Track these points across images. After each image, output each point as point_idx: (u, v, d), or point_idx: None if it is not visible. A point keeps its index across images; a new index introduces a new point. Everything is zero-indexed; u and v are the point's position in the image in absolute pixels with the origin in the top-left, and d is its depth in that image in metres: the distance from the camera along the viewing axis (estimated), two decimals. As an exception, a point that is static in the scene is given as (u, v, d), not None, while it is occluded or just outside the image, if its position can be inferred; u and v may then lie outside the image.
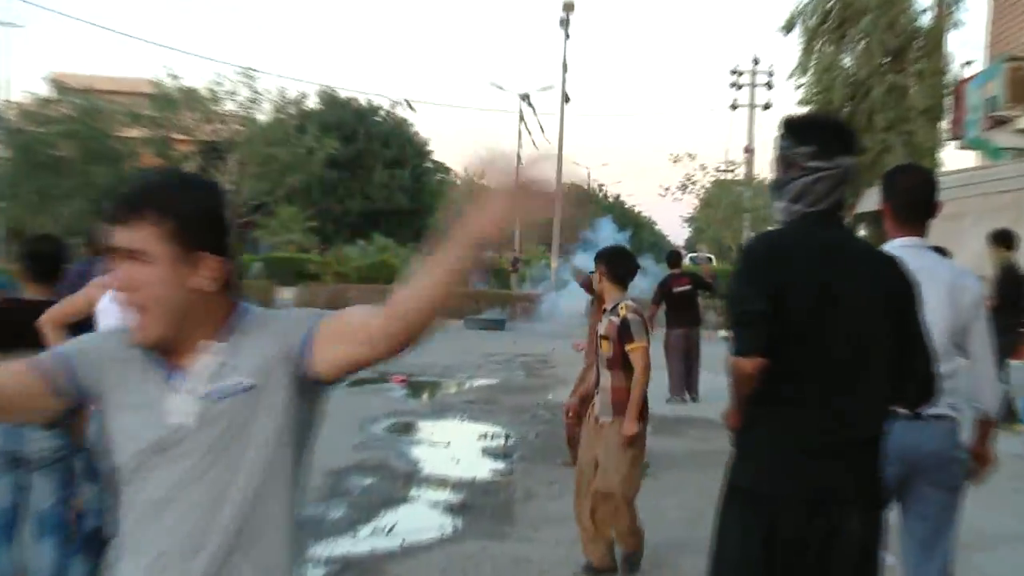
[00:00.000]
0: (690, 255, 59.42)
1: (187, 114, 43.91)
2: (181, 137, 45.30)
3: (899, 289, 4.01)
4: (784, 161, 4.10)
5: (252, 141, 43.78)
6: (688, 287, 17.41)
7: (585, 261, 15.58)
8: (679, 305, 17.30)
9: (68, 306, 6.13)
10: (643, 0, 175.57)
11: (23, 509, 6.23)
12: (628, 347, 7.65)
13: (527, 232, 2.72)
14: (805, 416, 3.89)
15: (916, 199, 5.16)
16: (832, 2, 29.18)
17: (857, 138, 4.18)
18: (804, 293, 3.86)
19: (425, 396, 18.41)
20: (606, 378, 7.84)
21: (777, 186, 4.14)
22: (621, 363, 7.72)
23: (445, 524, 9.38)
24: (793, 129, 4.13)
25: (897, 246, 4.92)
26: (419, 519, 9.65)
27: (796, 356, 3.87)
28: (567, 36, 46.89)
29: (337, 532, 9.00)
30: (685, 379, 17.41)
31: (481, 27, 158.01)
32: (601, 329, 7.91)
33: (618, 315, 7.74)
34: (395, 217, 64.44)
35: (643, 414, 7.75)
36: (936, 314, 4.59)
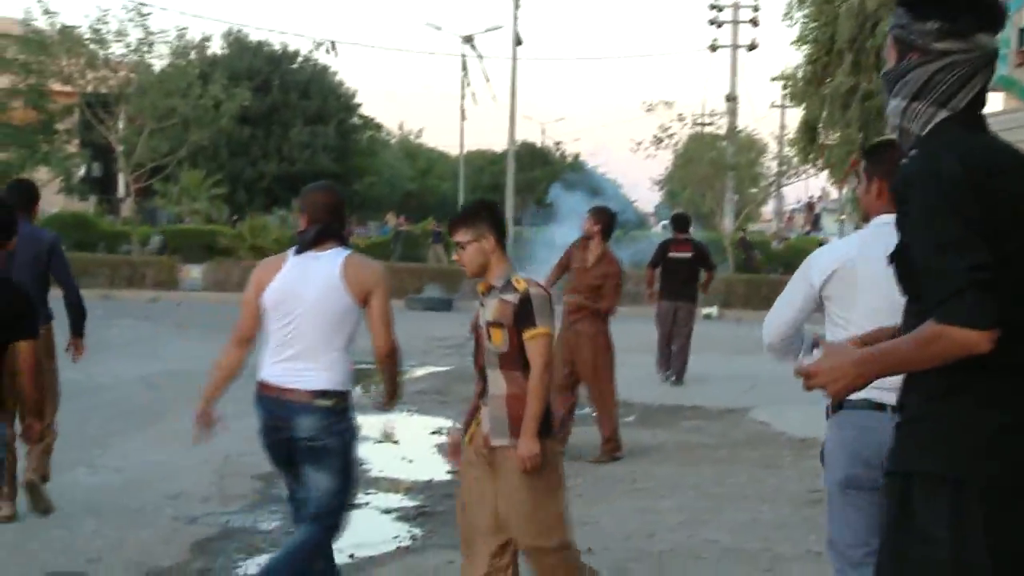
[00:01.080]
0: (662, 222, 59.36)
1: (66, 59, 42.95)
2: (60, 88, 44.31)
3: None
4: (900, 44, 3.68)
5: (146, 92, 42.80)
6: (687, 254, 17.55)
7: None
8: (672, 273, 17.48)
9: None
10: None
11: None
12: (527, 334, 6.18)
13: None
14: None
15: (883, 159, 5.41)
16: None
17: (1002, 10, 3.70)
18: None
19: (366, 386, 18.13)
20: (498, 382, 6.33)
21: (891, 78, 3.71)
22: (520, 360, 6.27)
23: (401, 534, 9.21)
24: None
25: (884, 222, 5.14)
26: (370, 529, 9.39)
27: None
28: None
29: (272, 546, 8.75)
30: (666, 355, 17.69)
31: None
32: (488, 314, 6.35)
33: (514, 291, 6.24)
34: (317, 181, 64.12)
35: (548, 428, 6.30)
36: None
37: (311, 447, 6.42)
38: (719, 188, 46.99)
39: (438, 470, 11.62)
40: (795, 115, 31.64)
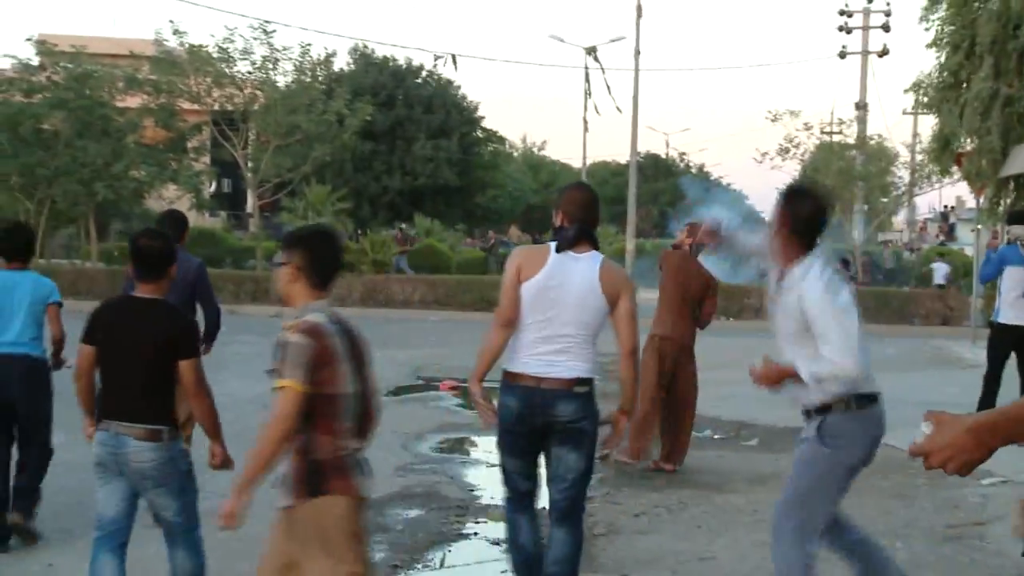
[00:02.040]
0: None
1: (194, 78, 43.09)
2: (188, 106, 44.47)
3: None
4: None
5: (271, 109, 42.82)
6: None
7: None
8: None
9: None
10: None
11: None
12: (276, 384, 5.62)
13: None
14: None
15: (812, 227, 6.60)
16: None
17: None
18: None
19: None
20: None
21: None
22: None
23: (506, 571, 8.65)
24: None
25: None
26: (477, 563, 8.99)
27: None
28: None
29: (375, 580, 8.31)
30: None
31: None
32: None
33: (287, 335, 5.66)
34: (441, 195, 63.99)
35: (316, 486, 5.63)
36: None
37: (569, 430, 6.91)
38: (847, 198, 45.96)
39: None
40: (928, 122, 30.56)
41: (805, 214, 6.52)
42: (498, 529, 9.80)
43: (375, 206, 61.52)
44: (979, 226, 33.35)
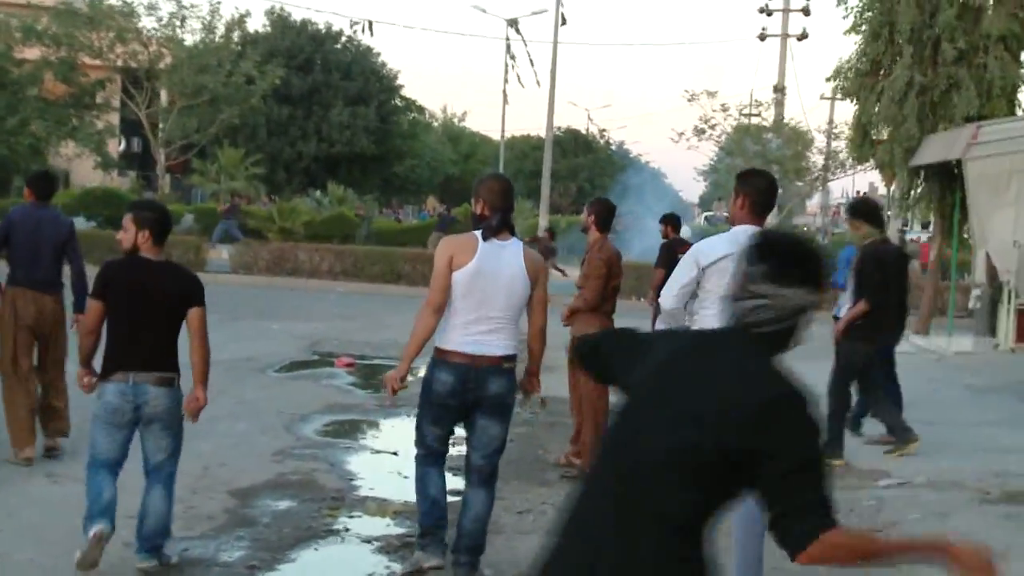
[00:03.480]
0: (705, 214, 58.32)
1: (97, 32, 42.08)
2: (91, 61, 43.45)
3: None
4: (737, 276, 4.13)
5: (177, 68, 42.07)
6: None
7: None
8: None
9: None
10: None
11: None
12: None
13: None
14: None
15: (767, 199, 7.65)
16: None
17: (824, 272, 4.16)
18: None
19: (377, 386, 17.00)
20: None
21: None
22: None
23: (379, 572, 8.13)
24: (758, 245, 4.13)
25: (745, 231, 6.91)
26: (343, 563, 8.41)
27: None
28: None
29: (227, 583, 7.74)
30: None
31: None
32: None
33: None
34: (357, 163, 63.31)
35: None
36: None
37: (497, 405, 7.65)
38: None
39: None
40: (844, 108, 30.34)
41: (763, 188, 7.69)
42: (372, 525, 9.36)
43: (290, 172, 60.86)
44: (889, 213, 33.28)
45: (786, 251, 4.11)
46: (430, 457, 7.96)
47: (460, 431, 8.17)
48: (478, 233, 7.63)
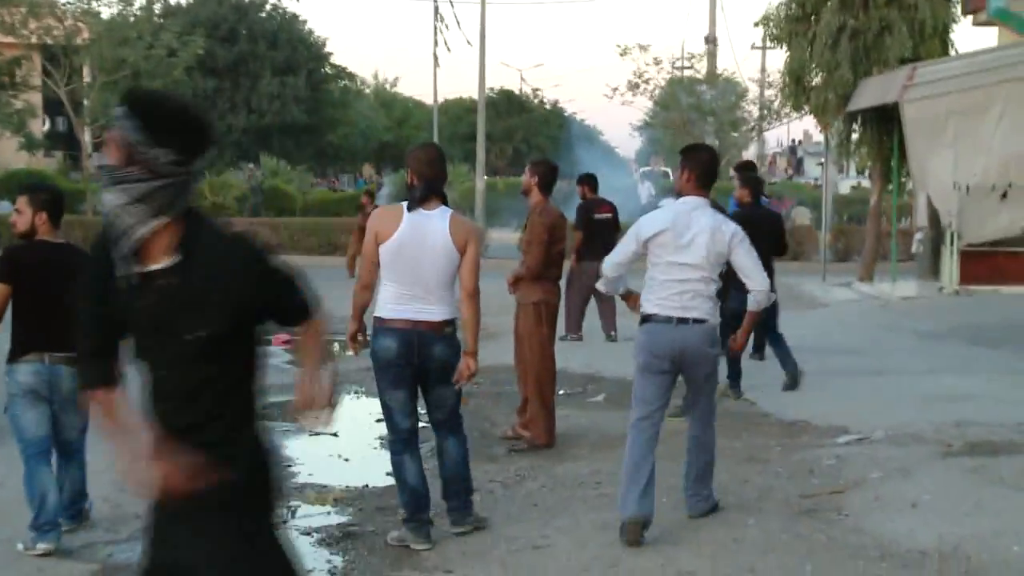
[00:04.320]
0: (641, 169, 57.93)
1: (8, 8, 41.24)
2: (5, 39, 42.58)
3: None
4: (127, 151, 4.07)
5: (96, 42, 41.28)
6: (609, 215, 17.17)
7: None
8: (598, 235, 16.41)
9: None
10: None
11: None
12: None
13: None
14: None
15: (708, 171, 8.20)
16: None
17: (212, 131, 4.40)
18: None
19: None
20: None
21: (114, 177, 4.08)
22: None
23: (318, 566, 7.62)
24: (148, 121, 4.10)
25: (690, 201, 8.06)
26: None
27: None
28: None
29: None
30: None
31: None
32: None
33: None
34: (288, 134, 62.54)
35: None
36: (702, 250, 7.86)
37: (443, 369, 7.77)
38: (698, 134, 45.57)
39: (376, 471, 9.97)
40: (777, 57, 30.09)
41: (706, 165, 8.25)
42: (311, 515, 8.86)
43: (220, 146, 59.88)
44: (823, 160, 33.09)
45: (158, 109, 4.18)
46: (400, 443, 7.96)
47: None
48: (405, 204, 7.80)
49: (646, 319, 8.00)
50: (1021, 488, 8.57)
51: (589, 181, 17.56)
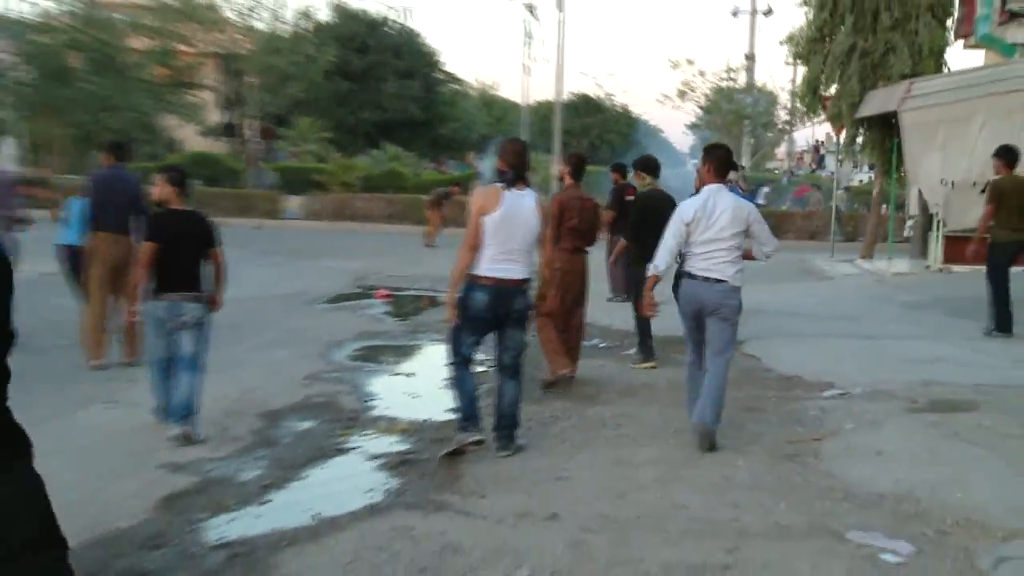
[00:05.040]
0: (692, 161, 57.27)
1: (189, 24, 41.57)
2: (186, 48, 42.90)
3: None
4: None
5: (254, 51, 41.73)
6: (633, 198, 16.28)
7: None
8: (626, 214, 15.71)
9: None
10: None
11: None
12: None
13: None
14: None
15: (724, 163, 8.48)
16: None
17: None
18: None
19: (406, 314, 16.27)
20: None
21: None
22: None
23: (377, 487, 7.38)
24: None
25: (714, 188, 8.31)
26: (347, 480, 7.64)
27: None
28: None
29: (241, 502, 7.02)
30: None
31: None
32: None
33: None
34: (407, 127, 62.36)
35: None
36: (727, 224, 8.17)
37: (519, 315, 8.01)
38: (737, 133, 45.09)
39: (438, 408, 9.71)
40: (801, 71, 29.58)
41: (721, 158, 8.54)
42: (379, 443, 8.64)
43: (352, 135, 59.76)
44: (840, 157, 32.64)
45: None
46: (463, 365, 8.08)
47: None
48: (500, 185, 7.92)
49: (682, 276, 8.44)
50: (972, 442, 8.16)
51: (619, 169, 17.06)
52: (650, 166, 12.71)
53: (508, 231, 7.81)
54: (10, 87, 39.76)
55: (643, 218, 11.60)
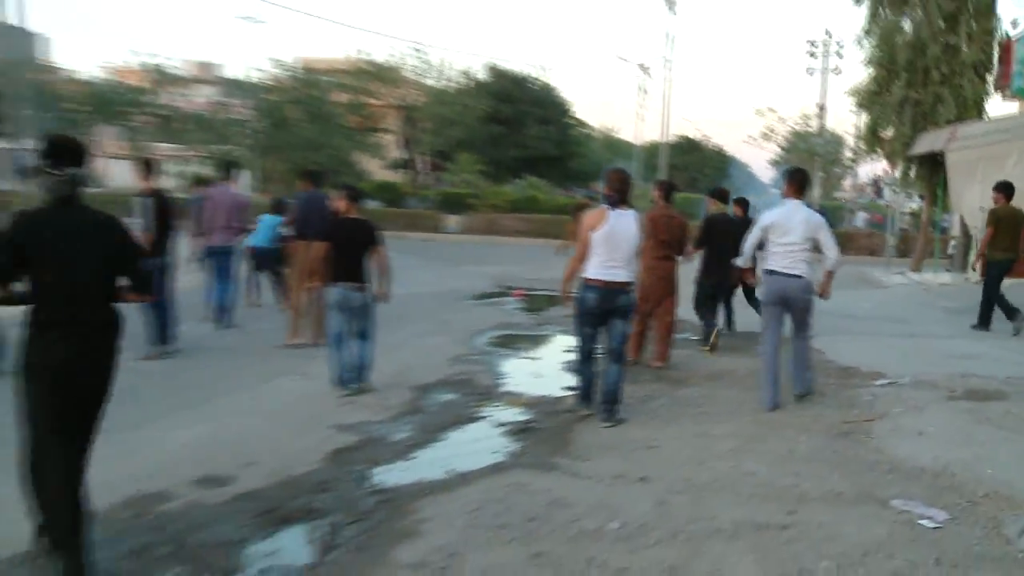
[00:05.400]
0: (773, 190, 56.10)
1: (376, 83, 42.36)
2: (374, 101, 43.59)
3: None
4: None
5: (426, 102, 42.38)
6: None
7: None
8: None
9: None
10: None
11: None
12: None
13: None
14: None
15: (803, 183, 8.42)
16: (895, -26, 25.57)
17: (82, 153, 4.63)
18: None
19: (536, 310, 16.04)
20: None
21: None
22: None
23: (501, 449, 7.17)
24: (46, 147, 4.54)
25: (792, 203, 8.28)
26: (478, 442, 7.45)
27: None
28: (672, 12, 43.96)
29: (391, 458, 6.88)
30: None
31: (605, 11, 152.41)
32: None
33: None
34: (544, 161, 62.07)
35: None
36: (800, 231, 8.18)
37: (623, 311, 7.79)
38: (810, 168, 44.11)
39: (556, 386, 9.44)
40: (864, 118, 28.67)
41: (799, 179, 8.45)
42: (506, 413, 8.41)
43: (500, 168, 59.78)
44: (895, 189, 31.73)
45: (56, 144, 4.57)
46: (586, 355, 8.04)
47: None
48: (606, 206, 7.79)
49: (769, 273, 8.38)
50: (1002, 426, 7.63)
51: (718, 195, 16.43)
52: (720, 195, 12.45)
53: (613, 243, 7.65)
54: (248, 133, 40.81)
55: (708, 236, 11.80)
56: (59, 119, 35.09)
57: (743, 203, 16.48)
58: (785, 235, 8.26)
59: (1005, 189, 13.55)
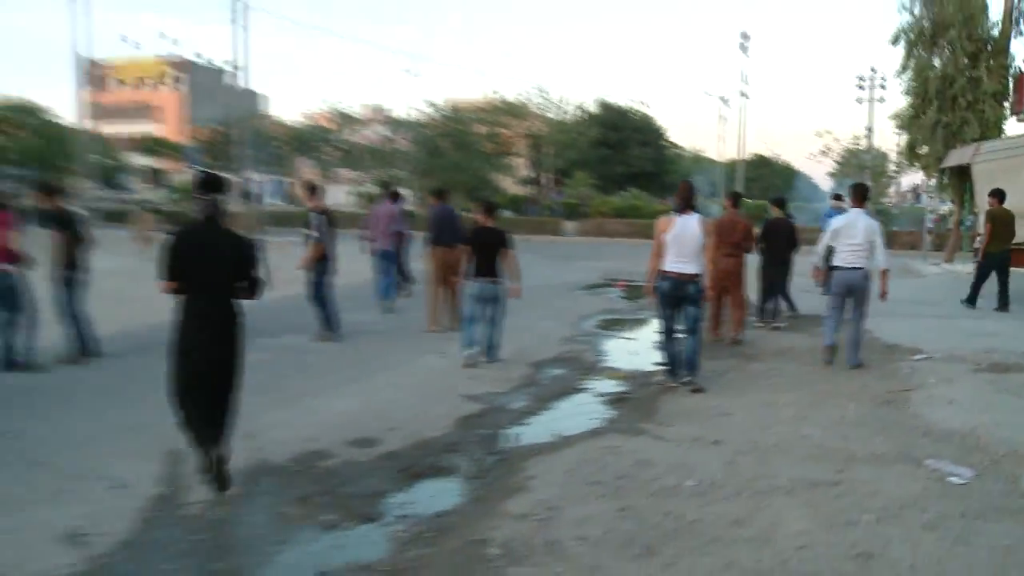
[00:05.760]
0: (832, 200, 54.05)
1: (508, 117, 42.33)
2: (507, 132, 43.56)
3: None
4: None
5: (548, 131, 42.15)
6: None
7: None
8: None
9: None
10: (800, 33, 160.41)
11: None
12: None
13: None
14: None
15: (863, 195, 8.31)
16: (926, 21, 24.52)
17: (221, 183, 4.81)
18: None
19: (635, 298, 15.69)
20: None
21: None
22: None
23: (598, 417, 6.93)
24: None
25: (855, 211, 8.19)
26: (580, 410, 7.23)
27: None
28: (746, 55, 42.57)
29: (509, 423, 6.74)
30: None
31: (693, 54, 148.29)
32: None
33: None
34: (644, 177, 60.98)
35: None
36: (862, 234, 8.06)
37: (693, 297, 7.48)
38: (860, 179, 42.35)
39: (648, 362, 9.12)
40: (904, 137, 27.36)
41: (861, 192, 8.36)
42: (606, 385, 8.16)
43: (608, 183, 58.97)
44: (930, 196, 30.28)
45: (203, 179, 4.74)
46: (667, 334, 7.71)
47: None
48: (675, 212, 7.56)
49: (834, 268, 8.33)
50: (1020, 395, 7.06)
51: (778, 203, 15.59)
52: (779, 202, 11.90)
53: (681, 242, 7.41)
54: (408, 161, 41.31)
55: (766, 237, 11.37)
56: (269, 155, 36.24)
57: (779, 203, 15.61)
58: (851, 238, 8.15)
59: (998, 194, 13.31)
